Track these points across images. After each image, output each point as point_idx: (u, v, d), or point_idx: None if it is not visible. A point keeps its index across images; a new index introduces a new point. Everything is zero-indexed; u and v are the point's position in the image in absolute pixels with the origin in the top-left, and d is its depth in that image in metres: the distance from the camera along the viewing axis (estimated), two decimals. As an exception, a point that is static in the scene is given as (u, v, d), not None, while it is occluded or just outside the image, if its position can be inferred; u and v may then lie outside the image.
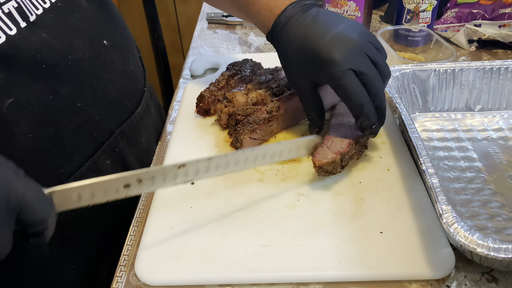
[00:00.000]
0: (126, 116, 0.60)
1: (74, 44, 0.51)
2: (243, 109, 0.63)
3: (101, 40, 0.56)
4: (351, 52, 0.52)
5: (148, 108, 0.67)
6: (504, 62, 0.67)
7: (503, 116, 0.68)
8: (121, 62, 0.60)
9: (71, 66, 0.50)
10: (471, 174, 0.58)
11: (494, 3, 0.90)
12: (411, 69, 0.67)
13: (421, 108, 0.70)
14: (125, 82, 0.60)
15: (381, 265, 0.46)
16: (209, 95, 0.69)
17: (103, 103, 0.55)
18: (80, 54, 0.52)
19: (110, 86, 0.56)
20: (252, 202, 0.54)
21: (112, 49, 0.58)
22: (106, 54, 0.56)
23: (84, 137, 0.53)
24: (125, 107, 0.60)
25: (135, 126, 0.62)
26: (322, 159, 0.53)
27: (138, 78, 0.65)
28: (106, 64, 0.56)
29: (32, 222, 0.36)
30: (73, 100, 0.51)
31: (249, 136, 0.61)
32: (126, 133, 0.60)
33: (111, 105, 0.57)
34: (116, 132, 0.58)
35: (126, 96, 0.60)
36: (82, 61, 0.52)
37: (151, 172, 0.44)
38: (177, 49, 1.98)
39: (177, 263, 0.48)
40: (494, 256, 0.40)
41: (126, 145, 0.60)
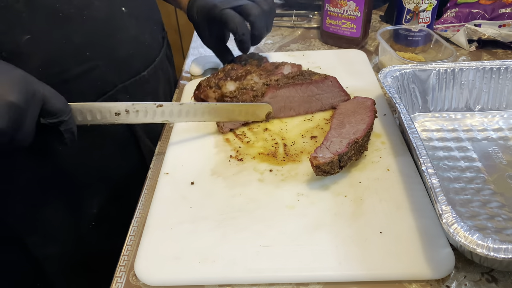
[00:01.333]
0: (131, 75, 0.67)
1: (92, 3, 0.58)
2: (231, 91, 0.68)
3: (120, 6, 0.63)
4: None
5: (156, 76, 0.74)
6: (504, 62, 0.67)
7: (503, 116, 0.68)
8: (135, 29, 0.66)
9: (86, 21, 0.57)
10: (471, 174, 0.58)
11: (494, 3, 0.90)
12: (411, 69, 0.67)
13: (421, 108, 0.70)
14: (136, 47, 0.67)
15: (381, 265, 0.46)
16: (205, 84, 0.71)
17: (111, 58, 0.62)
18: (96, 13, 0.58)
19: (120, 46, 0.63)
20: (252, 202, 0.54)
21: (129, 17, 0.65)
22: (121, 19, 0.63)
23: (88, 83, 0.60)
24: (131, 67, 0.67)
25: (138, 86, 0.69)
26: (320, 159, 0.53)
27: (152, 48, 0.73)
28: (119, 27, 0.63)
29: (53, 111, 0.47)
30: (83, 49, 0.58)
31: None
32: (129, 90, 0.67)
33: (118, 62, 0.64)
34: (119, 87, 0.65)
35: (134, 58, 0.67)
36: (97, 19, 0.59)
37: (136, 106, 0.57)
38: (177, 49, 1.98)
39: (176, 264, 0.48)
40: (494, 257, 0.40)
41: (128, 100, 0.63)
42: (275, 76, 0.70)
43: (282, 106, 0.67)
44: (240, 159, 0.61)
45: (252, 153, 0.62)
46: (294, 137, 0.65)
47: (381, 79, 0.64)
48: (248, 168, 0.60)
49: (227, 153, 0.63)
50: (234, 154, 0.62)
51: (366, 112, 0.63)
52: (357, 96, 0.68)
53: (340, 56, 0.86)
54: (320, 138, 0.64)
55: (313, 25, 1.03)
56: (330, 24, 0.91)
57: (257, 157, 0.61)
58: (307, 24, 1.03)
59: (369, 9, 0.88)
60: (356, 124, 0.60)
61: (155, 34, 0.75)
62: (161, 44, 0.78)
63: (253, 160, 0.61)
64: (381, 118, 0.67)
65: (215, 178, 0.58)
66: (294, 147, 0.63)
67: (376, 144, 0.62)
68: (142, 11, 0.70)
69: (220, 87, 0.70)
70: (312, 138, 0.64)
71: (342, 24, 0.89)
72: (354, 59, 0.84)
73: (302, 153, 0.62)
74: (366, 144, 0.59)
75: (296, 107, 0.68)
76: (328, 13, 0.90)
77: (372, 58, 0.89)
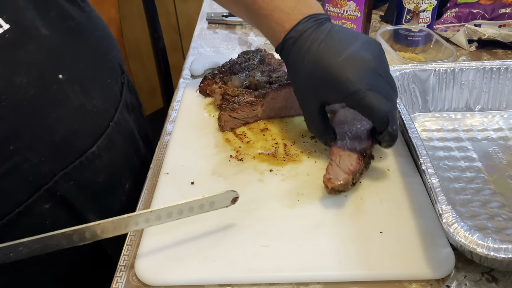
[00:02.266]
0: (74, 157, 0.54)
1: (14, 82, 0.46)
2: (234, 90, 0.67)
3: (56, 74, 0.50)
4: (365, 72, 0.50)
5: (110, 145, 0.60)
6: (504, 62, 0.67)
7: (503, 116, 0.68)
8: (78, 97, 0.53)
9: (5, 106, 0.45)
10: (471, 174, 0.58)
11: (494, 3, 0.90)
12: (411, 69, 0.67)
13: (421, 108, 0.70)
14: (80, 120, 0.54)
15: (381, 265, 0.46)
16: (210, 77, 0.72)
17: (45, 145, 0.50)
18: (20, 92, 0.46)
19: (57, 125, 0.51)
20: (252, 202, 0.54)
21: (70, 83, 0.52)
22: (59, 90, 0.51)
23: (16, 182, 0.48)
24: (73, 147, 0.54)
25: (85, 166, 0.55)
26: (335, 181, 0.51)
27: (103, 113, 0.58)
28: (57, 101, 0.50)
29: None
30: (5, 143, 0.46)
31: (228, 114, 0.65)
32: (73, 175, 0.54)
33: (55, 146, 0.51)
34: (59, 175, 0.52)
35: (77, 135, 0.54)
36: (23, 100, 0.47)
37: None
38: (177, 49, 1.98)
39: (177, 263, 0.48)
40: (494, 256, 0.40)
41: (73, 187, 0.55)
42: (277, 73, 0.70)
43: (283, 105, 0.67)
44: (240, 159, 0.61)
45: (252, 153, 0.62)
46: (294, 137, 0.65)
47: None
48: (248, 168, 0.60)
49: (227, 153, 0.63)
50: (234, 154, 0.62)
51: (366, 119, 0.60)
52: None
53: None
54: (320, 138, 0.64)
55: (313, 25, 1.03)
56: (330, 24, 0.91)
57: (257, 157, 0.61)
58: (307, 24, 1.03)
59: (369, 9, 0.88)
60: (360, 133, 0.59)
61: (109, 90, 0.61)
62: (118, 99, 0.63)
63: (253, 160, 0.61)
64: (381, 118, 0.67)
65: (215, 178, 0.58)
66: (294, 147, 0.63)
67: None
68: (89, 67, 0.56)
69: (225, 82, 0.70)
70: (312, 138, 0.64)
71: (342, 24, 0.89)
72: (354, 59, 0.84)
73: (302, 153, 0.62)
74: (372, 153, 0.58)
75: (296, 107, 0.67)
76: (328, 13, 0.90)
77: (372, 58, 0.89)
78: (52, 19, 0.52)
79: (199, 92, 0.74)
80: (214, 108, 0.71)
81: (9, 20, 0.46)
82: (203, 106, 0.73)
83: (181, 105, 0.73)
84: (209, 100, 0.74)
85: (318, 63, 0.52)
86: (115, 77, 0.64)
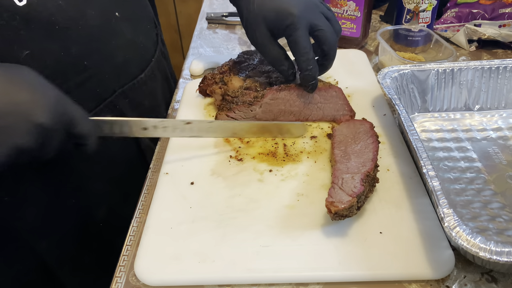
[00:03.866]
0: (129, 79, 0.68)
1: (86, 12, 0.58)
2: (234, 91, 0.67)
3: (113, 12, 0.63)
4: (306, 6, 0.59)
5: (153, 76, 0.74)
6: (503, 61, 0.67)
7: (502, 115, 0.68)
8: (130, 32, 0.66)
9: (82, 31, 0.57)
10: (471, 174, 0.58)
11: (494, 3, 0.90)
12: (410, 70, 0.67)
13: (420, 109, 0.70)
14: (132, 50, 0.67)
15: (380, 265, 0.46)
16: (210, 77, 0.72)
17: (109, 65, 0.63)
18: (91, 21, 0.58)
19: (116, 51, 0.64)
20: (252, 202, 0.54)
21: (123, 21, 0.64)
22: (116, 24, 0.63)
23: (88, 91, 0.61)
24: (129, 71, 0.67)
25: (137, 89, 0.69)
26: (339, 205, 0.47)
27: (147, 48, 0.73)
28: (114, 32, 0.63)
29: (78, 135, 0.48)
30: (81, 59, 0.58)
31: (226, 114, 0.66)
32: (128, 94, 0.67)
33: (116, 68, 0.64)
34: (118, 92, 0.65)
35: (131, 62, 0.67)
36: (92, 27, 0.59)
37: (164, 123, 0.58)
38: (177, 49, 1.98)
39: (176, 264, 0.48)
40: (497, 260, 0.40)
41: (128, 104, 0.68)
42: (277, 74, 0.70)
43: (283, 109, 0.66)
44: (240, 159, 0.61)
45: (252, 153, 0.62)
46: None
47: (380, 80, 0.64)
48: (248, 168, 0.60)
49: (227, 153, 0.63)
50: (234, 154, 0.62)
51: (367, 138, 0.59)
52: (351, 120, 0.65)
53: (340, 56, 0.85)
54: (320, 138, 0.64)
55: (313, 25, 1.03)
56: (330, 24, 0.91)
57: (257, 157, 0.61)
58: (307, 24, 1.03)
59: (369, 9, 0.88)
60: (362, 154, 0.56)
61: (149, 34, 0.74)
62: (155, 43, 0.77)
63: (253, 160, 0.61)
64: (381, 118, 0.67)
65: (215, 178, 0.58)
66: (294, 147, 0.63)
67: (376, 144, 0.62)
68: (135, 12, 0.69)
69: (226, 83, 0.70)
70: (312, 138, 0.64)
71: (342, 24, 0.89)
72: (354, 59, 0.84)
73: (302, 153, 0.62)
74: (376, 174, 0.54)
75: (296, 112, 0.67)
76: (328, 13, 0.90)
77: (372, 58, 0.89)
78: None
79: (199, 92, 0.74)
80: (214, 108, 0.71)
81: None
82: (203, 106, 0.73)
83: (181, 105, 0.73)
84: (209, 100, 0.74)
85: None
86: (152, 26, 0.76)
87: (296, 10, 0.58)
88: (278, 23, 0.59)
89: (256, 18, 0.61)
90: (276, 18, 0.59)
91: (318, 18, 0.60)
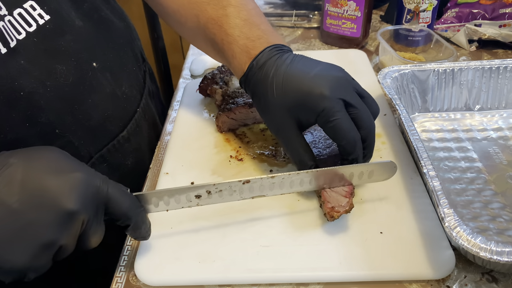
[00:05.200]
0: (108, 140, 0.58)
1: (55, 69, 0.49)
2: (234, 91, 0.67)
3: (90, 63, 0.54)
4: (339, 83, 0.49)
5: (138, 129, 0.64)
6: (503, 61, 0.67)
7: (502, 115, 0.68)
8: (110, 84, 0.57)
9: (51, 93, 0.49)
10: (472, 174, 0.58)
11: (494, 3, 0.90)
12: (410, 70, 0.67)
13: (420, 109, 0.69)
14: (112, 105, 0.58)
15: (381, 265, 0.46)
16: (210, 77, 0.72)
17: (83, 128, 0.54)
18: (61, 79, 0.50)
19: (93, 110, 0.54)
20: (252, 202, 0.54)
21: (102, 71, 0.56)
22: (93, 77, 0.54)
23: None
24: (107, 131, 0.58)
25: (117, 149, 0.60)
26: (340, 209, 0.47)
27: (131, 99, 0.62)
28: (92, 88, 0.54)
29: (118, 214, 0.42)
30: (51, 127, 0.50)
31: (226, 115, 0.65)
32: (106, 157, 0.58)
33: (92, 130, 0.55)
34: (95, 157, 0.56)
35: (110, 119, 0.58)
36: (64, 86, 0.50)
37: (218, 186, 0.47)
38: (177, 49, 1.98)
39: (176, 264, 0.47)
40: (497, 260, 0.40)
41: (106, 169, 0.58)
42: None
43: None
44: (240, 159, 0.61)
45: (252, 153, 0.62)
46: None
47: (380, 80, 0.64)
48: (248, 168, 0.60)
49: (227, 153, 0.62)
50: (234, 154, 0.62)
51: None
52: None
53: (340, 56, 0.86)
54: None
55: (313, 25, 1.03)
56: (331, 24, 0.91)
57: (257, 157, 0.61)
58: (307, 24, 1.03)
59: (370, 9, 0.88)
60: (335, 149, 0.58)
61: (134, 78, 0.65)
62: (142, 86, 0.67)
63: (253, 160, 0.61)
64: (381, 118, 0.67)
65: (215, 178, 0.58)
66: (294, 147, 0.63)
67: (376, 144, 0.62)
68: (118, 56, 0.60)
69: (226, 83, 0.69)
70: (312, 138, 0.64)
71: (343, 24, 0.89)
72: (354, 59, 0.84)
73: (302, 153, 0.61)
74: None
75: None
76: (328, 13, 0.90)
77: (372, 58, 0.89)
78: (85, 11, 0.55)
79: (199, 92, 0.74)
80: (214, 108, 0.71)
81: (49, 11, 0.49)
82: (203, 106, 0.73)
83: (181, 105, 0.73)
84: (209, 100, 0.74)
85: (288, 82, 0.50)
86: (138, 65, 0.67)
87: (328, 91, 0.48)
88: (309, 111, 0.49)
89: (278, 108, 0.51)
90: (304, 105, 0.49)
91: (352, 97, 0.49)
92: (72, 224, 0.38)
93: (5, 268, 0.37)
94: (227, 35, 0.55)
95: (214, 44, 0.57)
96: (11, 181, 0.37)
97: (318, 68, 0.51)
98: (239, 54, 0.54)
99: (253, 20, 0.56)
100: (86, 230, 0.40)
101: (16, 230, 0.36)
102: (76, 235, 0.40)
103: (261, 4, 1.14)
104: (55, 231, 0.37)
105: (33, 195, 0.37)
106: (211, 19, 0.56)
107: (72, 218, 0.38)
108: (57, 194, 0.38)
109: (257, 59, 0.53)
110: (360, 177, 0.51)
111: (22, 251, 0.37)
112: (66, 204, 0.38)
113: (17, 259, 0.37)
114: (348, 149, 0.49)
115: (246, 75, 0.54)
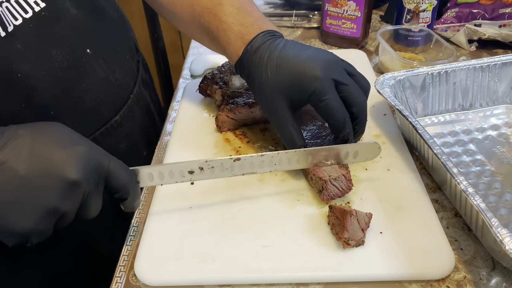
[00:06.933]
0: (101, 124, 0.60)
1: (50, 54, 0.51)
2: (234, 91, 0.67)
3: (84, 49, 0.56)
4: (329, 64, 0.53)
5: (131, 115, 0.66)
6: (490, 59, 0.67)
7: (498, 113, 0.68)
8: (103, 70, 0.59)
9: (46, 76, 0.51)
10: (487, 178, 0.57)
11: (494, 3, 0.90)
12: (405, 76, 0.65)
13: (417, 114, 0.69)
14: (105, 90, 0.59)
15: (381, 265, 0.46)
16: (210, 77, 0.72)
17: (77, 112, 0.56)
18: (56, 64, 0.52)
19: (86, 94, 0.56)
20: (252, 202, 0.54)
21: (95, 58, 0.57)
22: (87, 63, 0.56)
23: None
24: (100, 115, 0.60)
25: (110, 133, 0.61)
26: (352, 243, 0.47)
27: (124, 85, 0.64)
28: (85, 73, 0.56)
29: (117, 187, 0.45)
30: (46, 109, 0.52)
31: (226, 115, 0.65)
32: (100, 141, 0.59)
33: (85, 113, 0.57)
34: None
35: (103, 104, 0.59)
36: (58, 70, 0.52)
37: (210, 162, 0.50)
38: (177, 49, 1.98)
39: (176, 264, 0.47)
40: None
41: None
42: None
43: None
44: (240, 159, 0.61)
45: (252, 153, 0.62)
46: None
47: (379, 90, 0.62)
48: (248, 168, 0.59)
49: (227, 153, 0.62)
50: (234, 154, 0.62)
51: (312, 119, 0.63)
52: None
53: (340, 56, 0.85)
54: (320, 138, 0.64)
55: (313, 25, 1.03)
56: (330, 24, 0.91)
57: (257, 157, 0.61)
58: (307, 24, 1.03)
59: (369, 9, 0.88)
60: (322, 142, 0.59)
61: (128, 66, 0.66)
62: (135, 74, 0.69)
63: (253, 160, 0.61)
64: (381, 118, 0.67)
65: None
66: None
67: (376, 144, 0.62)
68: (111, 44, 0.62)
69: (226, 83, 0.69)
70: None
71: (342, 24, 0.89)
72: (354, 59, 0.84)
73: (302, 153, 0.62)
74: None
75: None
76: (328, 13, 0.90)
77: (372, 58, 0.89)
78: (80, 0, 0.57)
79: (199, 92, 0.74)
80: (214, 108, 0.71)
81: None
82: (203, 106, 0.73)
83: (181, 105, 0.73)
84: (209, 100, 0.74)
85: (282, 64, 0.53)
86: (132, 55, 0.69)
87: (320, 72, 0.51)
88: (301, 91, 0.52)
89: (272, 89, 0.54)
90: (297, 86, 0.52)
91: (342, 75, 0.53)
92: (74, 193, 0.41)
93: (11, 231, 0.39)
94: (221, 22, 0.58)
95: (209, 32, 0.60)
96: (20, 150, 0.39)
97: (309, 51, 0.55)
98: (233, 40, 0.57)
99: (246, 7, 0.59)
100: (87, 200, 0.42)
101: (23, 195, 0.39)
102: (77, 203, 0.42)
103: (261, 4, 1.14)
104: (58, 198, 0.40)
105: (39, 164, 0.39)
106: (206, 8, 0.60)
107: (75, 188, 0.40)
108: (62, 164, 0.40)
109: (251, 44, 0.56)
110: (346, 157, 0.54)
111: (28, 215, 0.39)
112: (70, 174, 0.40)
113: (23, 222, 0.39)
114: (338, 126, 0.53)
115: (241, 60, 0.57)
